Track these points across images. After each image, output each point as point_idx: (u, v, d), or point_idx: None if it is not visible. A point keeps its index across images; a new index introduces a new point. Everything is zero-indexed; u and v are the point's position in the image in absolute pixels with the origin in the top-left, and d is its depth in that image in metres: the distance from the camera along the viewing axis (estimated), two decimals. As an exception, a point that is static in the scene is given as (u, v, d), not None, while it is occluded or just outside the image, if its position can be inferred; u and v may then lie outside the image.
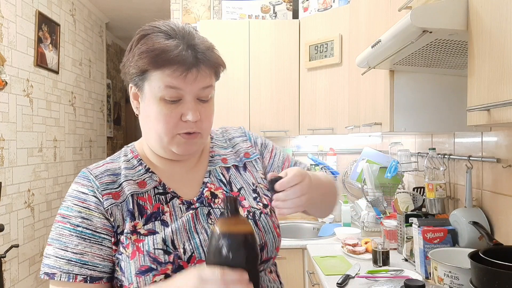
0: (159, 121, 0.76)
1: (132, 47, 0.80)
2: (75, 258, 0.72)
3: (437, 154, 1.85)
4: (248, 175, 0.91)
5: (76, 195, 0.77)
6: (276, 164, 0.97)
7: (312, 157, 2.82)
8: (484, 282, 1.05)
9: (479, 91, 0.94)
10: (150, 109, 0.76)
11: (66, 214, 0.77)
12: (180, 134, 0.77)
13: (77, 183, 0.79)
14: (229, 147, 0.94)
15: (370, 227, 2.34)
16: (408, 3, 1.22)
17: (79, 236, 0.74)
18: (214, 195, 0.84)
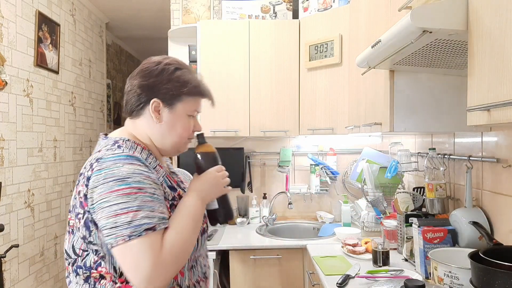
0: (185, 129, 1.08)
1: (164, 73, 1.06)
2: (161, 216, 0.94)
3: (437, 154, 1.85)
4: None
5: (141, 172, 0.94)
6: None
7: (312, 157, 2.82)
8: (484, 282, 1.05)
9: (479, 91, 0.94)
10: (179, 121, 1.07)
11: (142, 186, 0.92)
12: (188, 139, 1.11)
13: (133, 164, 0.94)
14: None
15: (370, 227, 2.34)
16: (408, 3, 1.22)
17: (158, 201, 0.94)
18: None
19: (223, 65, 2.56)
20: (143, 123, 1.06)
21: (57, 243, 2.91)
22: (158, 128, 1.06)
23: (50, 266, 2.79)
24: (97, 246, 0.94)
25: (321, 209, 2.90)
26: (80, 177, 0.97)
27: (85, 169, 0.96)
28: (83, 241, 0.94)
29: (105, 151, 0.97)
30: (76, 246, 0.96)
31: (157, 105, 1.04)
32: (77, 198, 0.95)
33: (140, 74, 1.06)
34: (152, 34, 4.39)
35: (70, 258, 0.97)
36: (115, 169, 0.91)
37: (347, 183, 2.83)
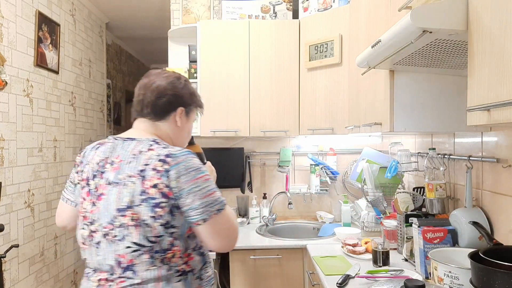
0: (190, 132, 1.36)
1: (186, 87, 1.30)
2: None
3: (437, 154, 1.85)
4: None
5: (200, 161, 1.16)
6: None
7: (312, 157, 2.82)
8: (484, 282, 1.05)
9: (479, 91, 0.94)
10: (189, 125, 1.34)
11: (207, 172, 1.14)
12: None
13: (192, 154, 1.14)
14: None
15: (370, 227, 2.34)
16: (408, 3, 1.22)
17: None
18: None
19: (223, 65, 2.56)
20: (166, 125, 1.26)
21: (57, 243, 2.91)
22: (177, 130, 1.29)
23: (50, 266, 2.79)
24: (176, 228, 1.09)
25: (321, 209, 2.90)
26: (143, 173, 1.08)
27: (149, 166, 1.08)
28: (162, 227, 1.07)
29: (164, 148, 1.12)
30: (149, 235, 1.06)
31: (181, 112, 1.28)
32: (154, 191, 1.06)
33: (170, 86, 1.25)
34: (152, 34, 4.39)
35: (144, 247, 1.07)
36: (189, 161, 1.10)
37: (347, 183, 2.83)
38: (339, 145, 2.91)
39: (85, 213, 1.14)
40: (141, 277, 1.08)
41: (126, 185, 1.08)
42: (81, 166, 1.20)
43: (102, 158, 1.15)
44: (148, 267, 1.08)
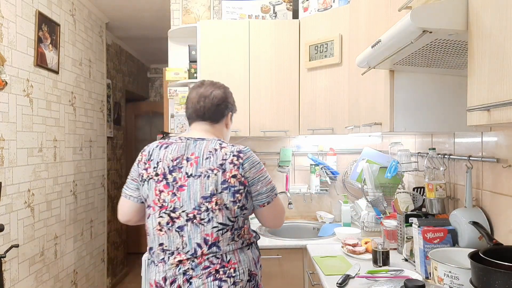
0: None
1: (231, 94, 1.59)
2: None
3: (437, 154, 1.85)
4: None
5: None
6: None
7: (312, 157, 2.82)
8: (484, 282, 1.05)
9: (479, 91, 0.94)
10: (231, 125, 1.61)
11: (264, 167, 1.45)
12: None
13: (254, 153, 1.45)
14: None
15: (370, 227, 2.34)
16: (408, 3, 1.22)
17: None
18: None
19: (223, 65, 2.56)
20: (219, 127, 1.55)
21: (57, 243, 2.91)
22: (225, 130, 1.59)
23: (50, 266, 2.79)
24: (247, 210, 1.40)
25: (321, 209, 2.90)
26: (223, 166, 1.35)
27: (227, 160, 1.36)
28: (239, 209, 1.36)
29: (232, 146, 1.40)
30: (229, 216, 1.35)
31: (230, 116, 1.59)
32: (233, 181, 1.34)
33: (225, 95, 1.53)
34: (152, 34, 4.39)
35: (227, 226, 1.36)
36: (254, 157, 1.42)
37: (347, 183, 2.83)
38: (339, 145, 2.91)
39: (163, 203, 1.37)
40: (224, 251, 1.36)
41: (209, 177, 1.33)
42: (149, 164, 1.42)
43: (177, 155, 1.39)
44: (229, 242, 1.37)
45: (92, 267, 3.57)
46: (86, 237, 3.45)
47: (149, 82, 6.00)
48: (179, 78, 2.78)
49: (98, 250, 3.75)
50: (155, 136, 3.37)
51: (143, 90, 5.74)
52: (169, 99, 2.89)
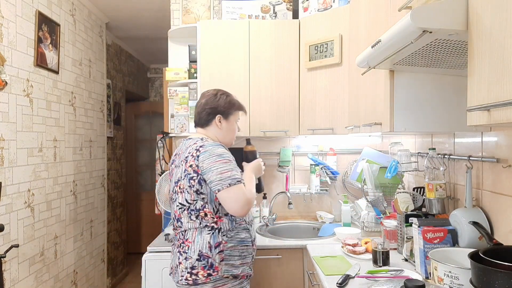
0: (234, 131, 1.88)
1: (219, 99, 1.82)
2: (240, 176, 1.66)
3: (437, 154, 1.85)
4: None
5: (227, 152, 1.69)
6: None
7: (312, 157, 2.82)
8: (484, 282, 1.05)
9: (479, 91, 0.94)
10: (232, 126, 1.86)
11: (230, 159, 1.67)
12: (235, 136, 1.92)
13: (223, 148, 1.69)
14: None
15: (370, 227, 2.34)
16: (408, 3, 1.22)
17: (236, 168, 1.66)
18: None
19: (223, 65, 2.56)
20: (211, 129, 1.82)
21: (57, 243, 2.91)
22: (220, 132, 1.82)
23: (50, 266, 2.79)
24: (204, 195, 1.65)
25: (321, 209, 2.90)
26: (187, 158, 1.67)
27: (190, 153, 1.67)
28: (195, 193, 1.65)
29: (202, 142, 1.68)
30: (188, 198, 1.67)
31: (219, 119, 1.81)
32: (190, 169, 1.65)
33: (206, 101, 1.81)
34: (152, 34, 4.39)
35: (184, 206, 1.68)
36: (214, 150, 1.64)
37: (347, 183, 2.83)
38: (339, 145, 2.91)
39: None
40: (185, 227, 1.70)
41: (179, 167, 1.71)
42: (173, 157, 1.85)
43: (177, 151, 1.83)
44: (188, 220, 1.68)
45: (92, 267, 3.57)
46: (86, 237, 3.45)
47: (149, 82, 6.00)
48: (179, 78, 2.78)
49: (98, 250, 3.75)
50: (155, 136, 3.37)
51: (143, 90, 5.74)
52: (169, 99, 2.89)
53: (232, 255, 1.70)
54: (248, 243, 1.76)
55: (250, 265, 1.78)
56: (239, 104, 1.89)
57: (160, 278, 2.23)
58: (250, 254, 1.78)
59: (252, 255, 1.80)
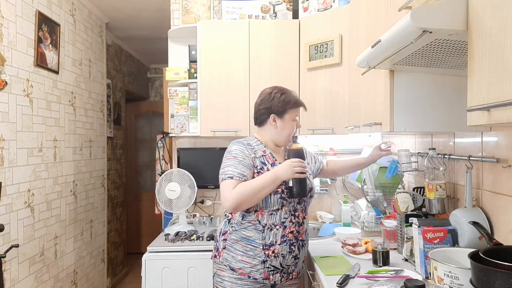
0: (291, 129, 1.79)
1: (273, 98, 1.79)
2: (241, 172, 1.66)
3: (437, 154, 1.85)
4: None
5: (238, 149, 1.73)
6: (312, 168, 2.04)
7: (312, 157, 2.82)
8: (484, 282, 1.05)
9: (479, 91, 0.94)
10: (287, 124, 1.78)
11: (235, 155, 1.70)
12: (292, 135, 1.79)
13: (238, 144, 1.76)
14: None
15: (370, 227, 2.34)
16: (408, 3, 1.22)
17: (243, 165, 1.68)
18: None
19: (223, 65, 2.56)
20: (266, 129, 1.82)
21: (57, 243, 2.91)
22: (275, 131, 1.79)
23: (50, 266, 2.79)
24: None
25: (321, 209, 2.89)
26: None
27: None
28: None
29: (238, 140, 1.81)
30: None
31: (273, 118, 1.78)
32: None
33: (260, 101, 1.81)
34: (152, 34, 4.39)
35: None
36: (230, 147, 1.76)
37: (347, 183, 2.83)
38: (339, 145, 2.91)
39: None
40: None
41: None
42: None
43: None
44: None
45: (92, 267, 3.57)
46: (86, 237, 3.45)
47: (149, 82, 6.00)
48: (179, 78, 2.77)
49: (98, 250, 3.75)
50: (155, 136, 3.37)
51: (143, 90, 5.74)
52: (169, 99, 2.89)
53: (234, 248, 1.72)
54: (256, 244, 1.70)
55: (261, 269, 1.70)
56: (295, 101, 1.80)
57: (160, 278, 2.23)
58: (259, 257, 1.70)
59: (263, 259, 1.70)
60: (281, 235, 1.71)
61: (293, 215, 1.75)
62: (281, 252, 1.71)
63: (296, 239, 1.75)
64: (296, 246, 1.75)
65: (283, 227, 1.72)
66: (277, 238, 1.71)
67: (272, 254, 1.70)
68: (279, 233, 1.71)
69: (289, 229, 1.73)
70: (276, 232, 1.71)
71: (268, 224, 1.71)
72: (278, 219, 1.72)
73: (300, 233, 1.77)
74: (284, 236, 1.72)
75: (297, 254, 1.76)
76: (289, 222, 1.74)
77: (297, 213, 1.76)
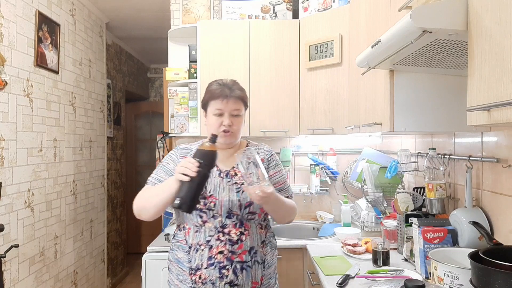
0: (211, 125, 1.52)
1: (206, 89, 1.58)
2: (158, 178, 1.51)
3: (437, 154, 1.85)
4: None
5: (169, 155, 1.58)
6: (272, 181, 1.56)
7: (312, 157, 2.82)
8: (484, 282, 1.05)
9: (479, 91, 0.94)
10: (209, 120, 1.54)
11: (163, 162, 1.56)
12: (221, 132, 1.49)
13: (175, 149, 1.59)
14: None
15: (370, 227, 2.34)
16: (408, 3, 1.22)
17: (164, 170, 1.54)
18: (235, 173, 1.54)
19: (223, 65, 2.56)
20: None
21: (57, 243, 2.91)
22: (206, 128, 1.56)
23: (50, 266, 2.79)
24: None
25: (321, 209, 2.90)
26: None
27: None
28: None
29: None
30: None
31: (203, 112, 1.60)
32: None
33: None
34: (152, 34, 4.39)
35: None
36: None
37: (347, 183, 2.83)
38: (339, 145, 2.91)
39: None
40: None
41: None
42: None
43: None
44: None
45: (92, 267, 3.57)
46: (86, 237, 3.45)
47: (149, 82, 6.00)
48: (179, 78, 2.77)
49: (98, 250, 3.75)
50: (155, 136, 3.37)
51: (143, 90, 5.74)
52: (169, 99, 2.89)
53: (171, 269, 1.53)
54: (184, 268, 1.45)
55: None
56: (213, 92, 1.52)
57: (160, 278, 2.23)
58: (187, 283, 1.44)
59: (190, 286, 1.43)
60: (207, 257, 1.42)
61: (220, 231, 1.44)
62: (209, 277, 1.40)
63: (230, 260, 1.42)
64: (230, 270, 1.41)
65: (209, 246, 1.43)
66: (203, 261, 1.42)
67: (199, 280, 1.42)
68: (205, 255, 1.42)
69: (216, 249, 1.42)
70: (202, 254, 1.43)
71: (194, 244, 1.45)
72: (203, 237, 1.45)
73: (236, 253, 1.43)
74: (211, 257, 1.42)
75: (233, 280, 1.41)
76: (216, 241, 1.43)
77: (226, 229, 1.44)
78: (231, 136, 1.52)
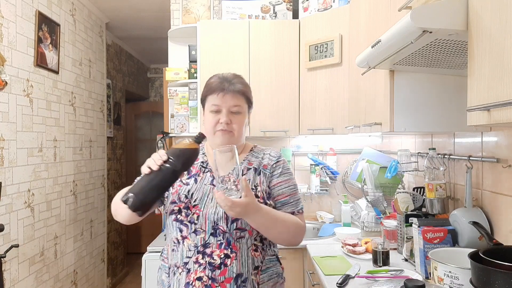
0: (208, 123, 1.32)
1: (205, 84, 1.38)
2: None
3: (437, 154, 1.85)
4: (257, 177, 1.33)
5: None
6: (276, 192, 1.37)
7: (312, 157, 2.82)
8: (484, 282, 1.05)
9: (479, 91, 0.94)
10: (206, 116, 1.34)
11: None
12: (218, 131, 1.29)
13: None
14: (259, 157, 1.39)
15: (370, 227, 2.34)
16: (408, 3, 1.22)
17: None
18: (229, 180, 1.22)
19: (223, 65, 2.56)
20: None
21: (57, 243, 2.91)
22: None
23: (50, 266, 2.79)
24: None
25: (321, 209, 2.89)
26: None
27: None
28: None
29: None
30: None
31: (202, 110, 1.40)
32: None
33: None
34: (152, 34, 4.39)
35: None
36: None
37: (347, 183, 2.83)
38: (339, 145, 2.91)
39: None
40: None
41: None
42: None
43: None
44: None
45: (92, 267, 3.57)
46: (86, 237, 3.45)
47: (149, 82, 6.00)
48: (179, 78, 2.77)
49: (98, 250, 3.75)
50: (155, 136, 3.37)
51: (143, 90, 5.74)
52: (169, 99, 2.89)
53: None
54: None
55: None
56: (210, 86, 1.33)
57: (160, 278, 2.23)
58: None
59: None
60: (184, 283, 1.18)
61: (200, 252, 1.20)
62: None
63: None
64: None
65: (186, 270, 1.20)
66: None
67: None
68: (182, 280, 1.19)
69: (194, 274, 1.18)
70: (180, 278, 1.20)
71: (172, 265, 1.25)
72: (179, 258, 1.22)
73: (218, 281, 1.17)
74: (189, 284, 1.18)
75: None
76: (194, 263, 1.19)
77: (208, 249, 1.19)
78: (230, 136, 1.28)
